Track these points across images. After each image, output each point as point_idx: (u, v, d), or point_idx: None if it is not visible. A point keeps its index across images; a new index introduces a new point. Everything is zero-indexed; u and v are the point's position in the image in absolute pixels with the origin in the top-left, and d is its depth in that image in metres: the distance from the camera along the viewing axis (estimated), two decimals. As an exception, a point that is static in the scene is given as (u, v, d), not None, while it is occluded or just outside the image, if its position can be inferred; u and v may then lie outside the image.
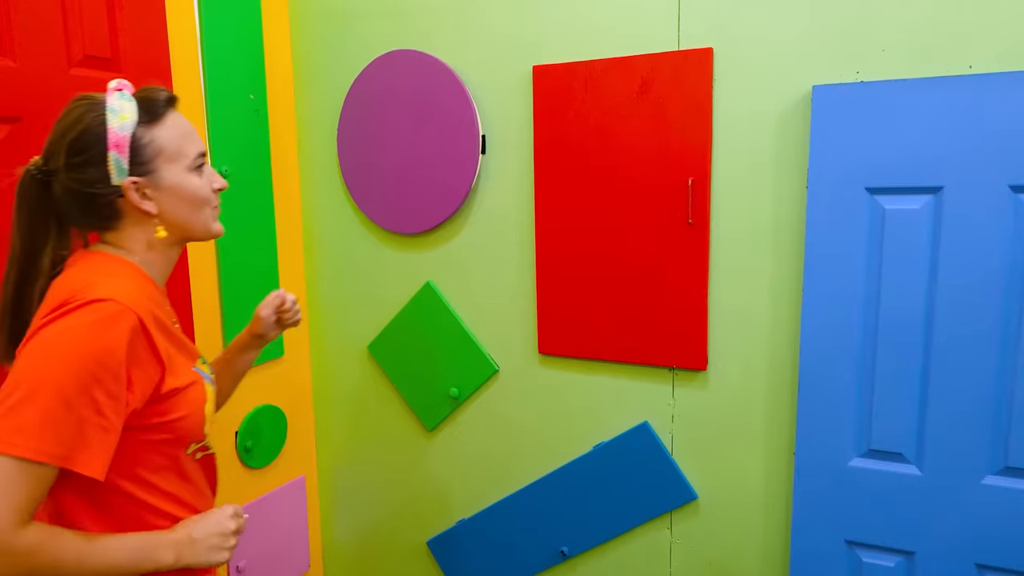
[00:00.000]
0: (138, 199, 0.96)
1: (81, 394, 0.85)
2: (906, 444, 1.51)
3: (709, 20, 1.60)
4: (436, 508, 2.14)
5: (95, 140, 0.93)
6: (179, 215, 1.01)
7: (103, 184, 0.94)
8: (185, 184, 1.01)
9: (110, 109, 0.95)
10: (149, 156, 0.97)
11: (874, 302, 1.50)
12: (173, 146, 0.99)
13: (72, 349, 0.85)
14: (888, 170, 1.45)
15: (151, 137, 0.97)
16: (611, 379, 1.83)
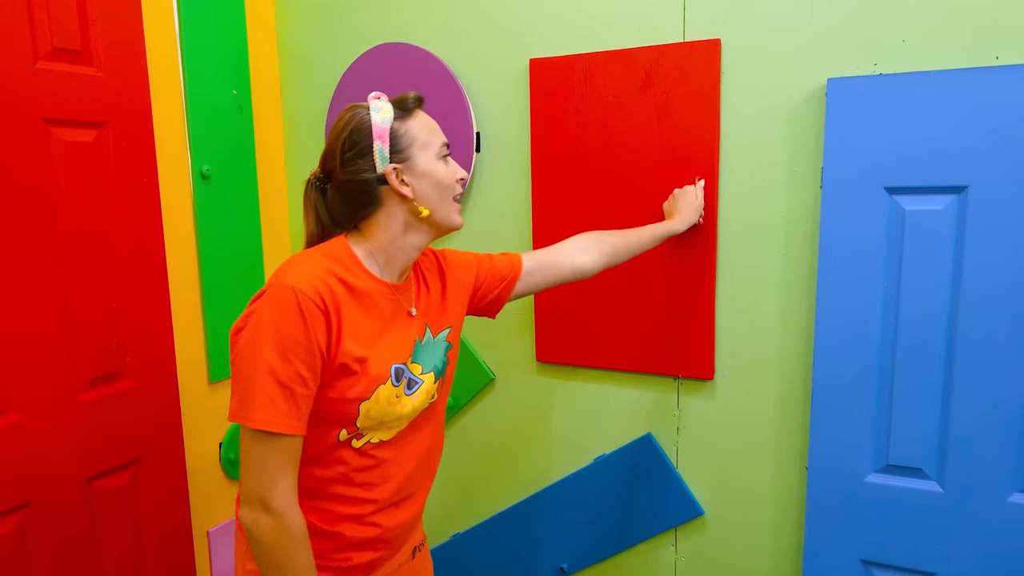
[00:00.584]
0: (397, 183, 1.08)
1: (290, 374, 0.99)
2: (926, 459, 1.42)
3: (716, 10, 1.51)
4: (430, 521, 2.05)
5: (363, 135, 1.07)
6: (430, 200, 1.11)
7: (370, 171, 1.07)
8: (435, 170, 1.11)
9: (373, 109, 1.08)
10: (405, 144, 1.08)
11: (893, 309, 1.41)
12: (424, 135, 1.11)
13: (266, 330, 0.99)
14: (909, 168, 1.36)
15: (406, 128, 1.09)
16: (613, 389, 1.74)
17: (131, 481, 1.65)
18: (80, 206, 1.50)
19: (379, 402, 1.08)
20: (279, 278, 1.02)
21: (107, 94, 1.54)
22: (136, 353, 1.63)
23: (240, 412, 0.99)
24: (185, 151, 1.74)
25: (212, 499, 1.89)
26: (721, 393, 1.63)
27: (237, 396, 1.00)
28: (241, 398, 0.99)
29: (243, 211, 1.91)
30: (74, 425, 1.52)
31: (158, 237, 1.67)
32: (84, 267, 1.52)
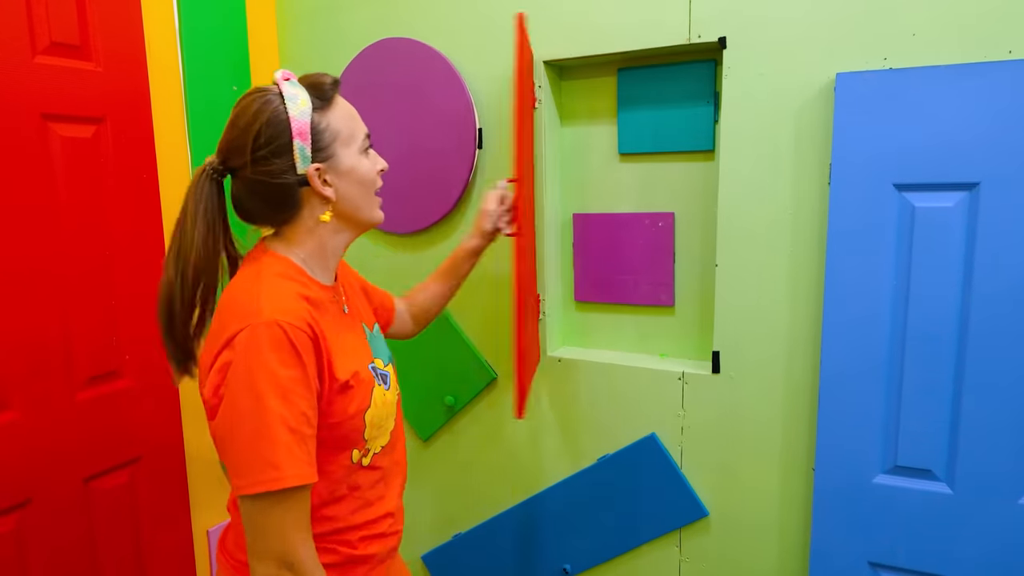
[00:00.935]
0: (320, 185, 0.97)
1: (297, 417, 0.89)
2: (936, 460, 1.40)
3: (721, 7, 1.49)
4: (431, 522, 2.03)
5: (279, 129, 0.93)
6: (353, 199, 1.01)
7: (290, 172, 0.94)
8: (358, 167, 1.01)
9: (288, 97, 0.94)
10: (327, 141, 0.97)
11: (902, 307, 1.39)
12: (347, 129, 0.99)
13: (269, 379, 0.87)
14: (918, 165, 1.34)
15: (327, 122, 0.97)
16: (617, 388, 1.72)
17: (130, 480, 1.63)
18: (78, 202, 1.49)
19: (377, 405, 1.04)
20: (253, 316, 0.89)
21: (106, 89, 1.52)
22: (135, 351, 1.62)
23: (264, 477, 0.86)
24: (185, 147, 1.73)
25: (211, 498, 1.87)
26: (726, 393, 1.60)
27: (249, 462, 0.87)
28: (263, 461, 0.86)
29: (243, 208, 1.90)
30: (72, 423, 1.50)
31: (157, 234, 1.66)
32: (82, 264, 1.50)
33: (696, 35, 1.52)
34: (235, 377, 0.88)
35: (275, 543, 0.90)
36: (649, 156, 1.71)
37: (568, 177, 1.82)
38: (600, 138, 1.76)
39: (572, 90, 1.79)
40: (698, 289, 1.71)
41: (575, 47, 1.65)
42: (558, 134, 1.80)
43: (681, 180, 1.69)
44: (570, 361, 1.77)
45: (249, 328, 0.88)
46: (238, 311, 0.91)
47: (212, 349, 0.91)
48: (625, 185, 1.75)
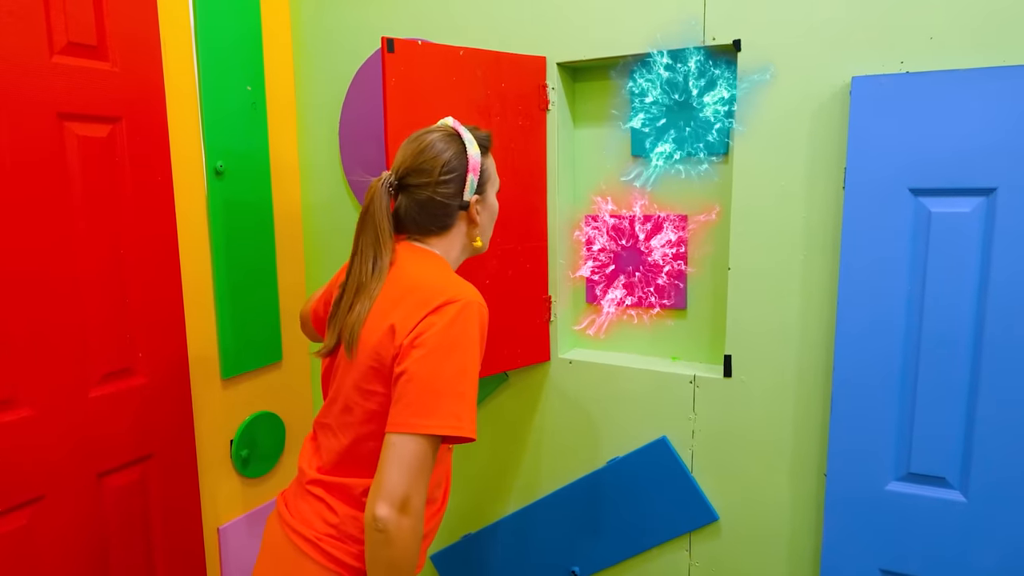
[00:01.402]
0: (475, 212, 1.21)
1: (474, 384, 1.08)
2: (950, 468, 1.39)
3: (736, 9, 1.48)
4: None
5: (461, 164, 1.18)
6: (485, 228, 1.27)
7: (458, 198, 1.19)
8: (495, 205, 1.28)
9: (467, 141, 1.20)
10: (484, 180, 1.22)
11: (917, 313, 1.38)
12: (495, 174, 1.27)
13: (474, 347, 1.08)
14: (935, 169, 1.33)
15: (486, 166, 1.23)
16: (628, 390, 1.72)
17: (141, 477, 1.64)
18: (93, 201, 1.50)
19: None
20: (461, 294, 1.09)
21: (122, 89, 1.53)
22: (148, 349, 1.63)
23: (449, 423, 1.03)
24: (199, 147, 1.74)
25: (223, 496, 1.88)
26: (738, 396, 1.59)
27: (447, 408, 1.03)
28: (458, 411, 1.03)
29: (256, 208, 1.91)
30: (85, 420, 1.51)
31: (171, 233, 1.67)
32: (97, 262, 1.51)
33: (711, 37, 1.51)
34: (446, 337, 1.05)
35: (411, 485, 1.02)
36: (663, 159, 1.70)
37: (580, 179, 1.82)
38: (613, 141, 1.76)
39: (586, 92, 1.78)
40: (710, 292, 1.70)
41: (589, 49, 1.65)
42: (570, 136, 1.80)
43: (695, 183, 1.68)
44: (581, 363, 1.77)
45: (462, 303, 1.08)
46: (442, 288, 1.10)
47: (414, 315, 1.07)
48: (638, 188, 1.74)
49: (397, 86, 1.44)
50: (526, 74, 1.67)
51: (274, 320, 1.99)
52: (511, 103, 1.65)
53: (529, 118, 1.69)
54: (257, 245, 1.92)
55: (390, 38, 1.41)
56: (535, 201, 1.73)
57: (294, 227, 2.07)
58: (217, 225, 1.78)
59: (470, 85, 1.57)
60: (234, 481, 1.92)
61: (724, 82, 1.60)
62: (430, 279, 1.13)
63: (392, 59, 1.42)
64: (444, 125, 1.22)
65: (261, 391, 1.98)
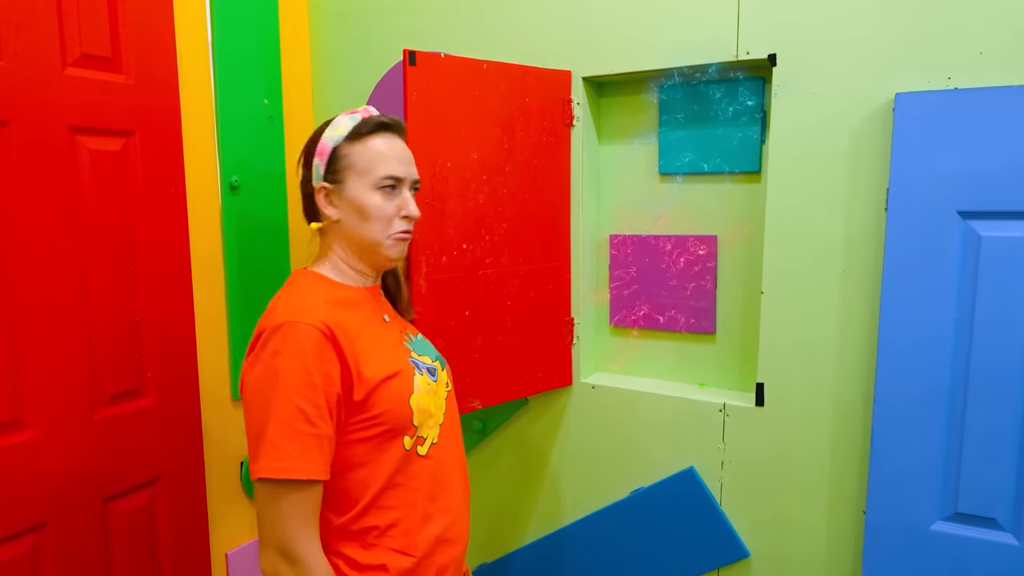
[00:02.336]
0: (323, 203, 1.11)
1: (295, 414, 0.97)
2: (1000, 508, 1.30)
3: (772, 22, 1.42)
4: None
5: (311, 146, 1.13)
6: (353, 225, 1.12)
7: (307, 184, 1.14)
8: (362, 198, 1.10)
9: (332, 124, 1.12)
10: (342, 167, 1.10)
11: (965, 342, 1.30)
12: (363, 163, 1.10)
13: (277, 380, 0.98)
14: (985, 191, 1.26)
15: (348, 152, 1.10)
16: (654, 417, 1.64)
17: (149, 501, 1.59)
18: (105, 216, 1.46)
19: (421, 392, 1.10)
20: (268, 320, 1.03)
21: (136, 102, 1.49)
22: (158, 369, 1.58)
23: (275, 465, 0.97)
24: (214, 162, 1.70)
25: (232, 520, 1.82)
26: (770, 425, 1.52)
27: (263, 451, 0.98)
28: (272, 452, 0.98)
29: (272, 224, 1.86)
30: (92, 443, 1.46)
31: (184, 249, 1.62)
32: (107, 279, 1.47)
33: (744, 51, 1.45)
34: (249, 375, 1.02)
35: (276, 531, 0.98)
36: (691, 177, 1.64)
37: (605, 197, 1.76)
38: (640, 157, 1.70)
39: (611, 107, 1.73)
40: (741, 317, 1.63)
41: (616, 63, 1.59)
42: (595, 152, 1.74)
43: (725, 202, 1.62)
44: (604, 388, 1.70)
45: (268, 331, 1.01)
46: (262, 319, 1.06)
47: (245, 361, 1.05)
48: (665, 206, 1.68)
49: (419, 100, 1.39)
50: (550, 89, 1.62)
51: (287, 339, 1.93)
52: (535, 118, 1.59)
53: (553, 134, 1.64)
54: (272, 262, 1.87)
55: (412, 50, 1.36)
56: (558, 219, 1.68)
57: (310, 244, 2.02)
58: (231, 241, 1.74)
59: (493, 99, 1.52)
60: (243, 505, 1.86)
61: (757, 98, 1.53)
62: (270, 306, 1.09)
63: (414, 72, 1.37)
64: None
65: (273, 412, 1.92)
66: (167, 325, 1.59)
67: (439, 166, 1.44)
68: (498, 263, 1.57)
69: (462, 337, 1.53)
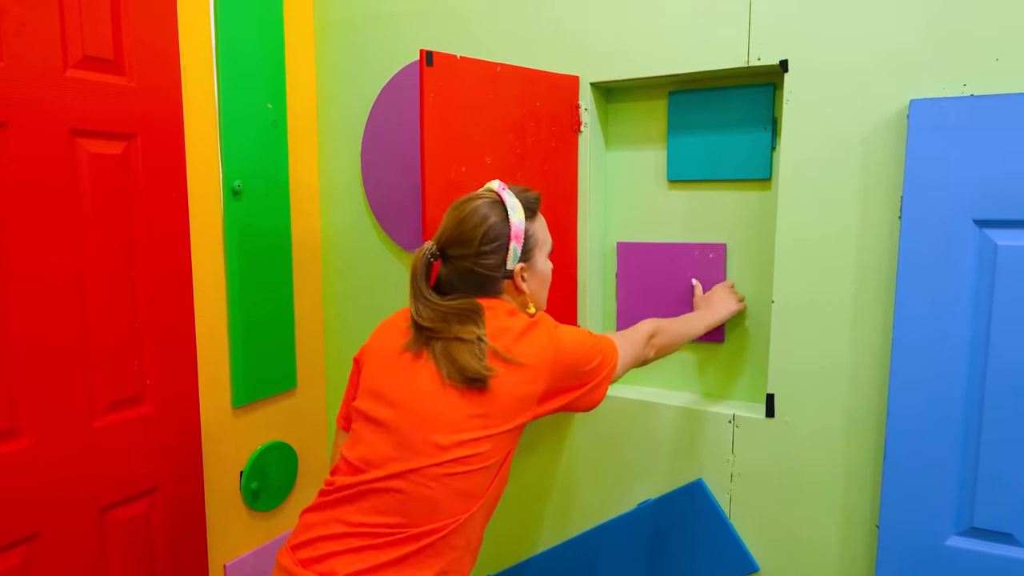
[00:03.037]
0: (520, 281, 1.18)
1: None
2: (1018, 523, 1.27)
3: (783, 27, 1.40)
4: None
5: (502, 232, 1.15)
6: (536, 293, 1.23)
7: (501, 268, 1.16)
8: (546, 269, 1.24)
9: (510, 208, 1.15)
10: (531, 245, 1.19)
11: (982, 353, 1.27)
12: (543, 238, 1.22)
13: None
14: (1002, 199, 1.23)
15: (533, 230, 1.19)
16: (662, 428, 1.61)
17: (146, 511, 1.56)
18: (105, 221, 1.43)
19: None
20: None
21: (138, 105, 1.47)
22: (157, 376, 1.55)
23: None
24: (217, 166, 1.68)
25: (230, 531, 1.79)
26: (781, 437, 1.49)
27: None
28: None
29: (274, 230, 1.84)
30: (89, 451, 1.43)
31: (185, 255, 1.60)
32: (107, 285, 1.45)
33: (755, 57, 1.44)
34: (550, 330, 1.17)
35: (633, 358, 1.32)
36: (700, 184, 1.62)
37: (613, 204, 1.74)
38: (648, 164, 1.68)
39: (620, 113, 1.71)
40: (751, 326, 1.60)
41: (624, 69, 1.57)
42: (603, 159, 1.72)
43: (734, 210, 1.59)
44: (611, 398, 1.67)
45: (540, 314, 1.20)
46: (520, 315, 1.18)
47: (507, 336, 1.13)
48: (673, 214, 1.66)
49: (436, 102, 1.36)
50: (559, 93, 1.60)
51: (289, 346, 1.91)
52: (544, 123, 1.57)
53: (561, 139, 1.61)
54: (274, 268, 1.84)
55: (429, 51, 1.34)
56: (565, 226, 1.65)
57: (312, 251, 2.00)
58: (233, 247, 1.72)
59: (507, 103, 1.49)
60: (243, 515, 1.83)
61: (768, 104, 1.51)
62: (507, 313, 1.19)
63: (431, 73, 1.34)
64: (488, 190, 1.20)
65: (274, 420, 1.89)
66: (167, 332, 1.57)
67: (454, 171, 1.41)
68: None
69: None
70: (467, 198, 1.18)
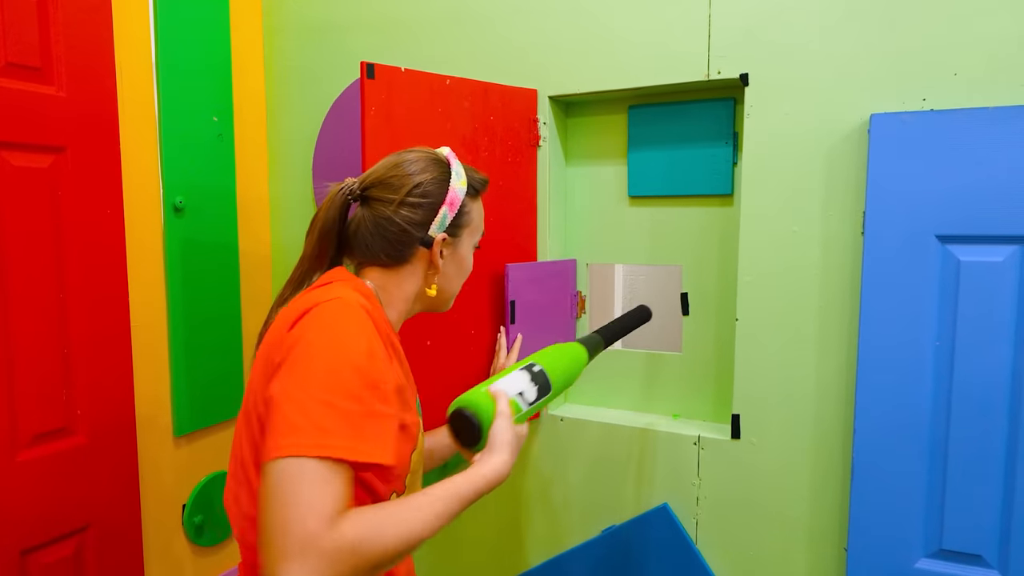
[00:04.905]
0: (437, 253, 1.02)
1: (349, 393, 0.80)
2: (986, 544, 1.25)
3: (743, 41, 1.38)
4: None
5: (438, 191, 1.01)
6: (448, 281, 1.07)
7: (422, 229, 1.00)
8: (467, 258, 1.09)
9: (455, 172, 1.03)
10: (462, 222, 1.05)
11: (947, 371, 1.25)
12: (476, 223, 1.08)
13: (331, 354, 0.82)
14: (964, 215, 1.22)
15: (470, 208, 1.06)
16: (625, 451, 1.56)
17: (75, 552, 1.44)
18: (32, 239, 1.34)
19: (419, 448, 1.01)
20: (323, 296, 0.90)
21: (68, 116, 1.38)
22: (89, 405, 1.45)
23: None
24: (156, 181, 1.59)
25: (172, 569, 1.68)
26: (747, 460, 1.45)
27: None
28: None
29: (220, 249, 1.75)
30: (11, 488, 1.32)
31: (121, 276, 1.50)
32: (33, 308, 1.34)
33: (715, 71, 1.41)
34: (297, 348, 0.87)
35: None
36: (662, 200, 1.59)
37: (573, 220, 1.69)
38: (609, 179, 1.64)
39: (579, 128, 1.67)
40: (713, 343, 1.57)
41: (583, 82, 1.54)
42: (563, 174, 1.68)
43: (697, 225, 1.56)
44: (573, 421, 1.62)
45: (317, 306, 0.88)
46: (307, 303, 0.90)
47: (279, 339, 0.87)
48: (635, 230, 1.62)
49: (377, 115, 1.31)
50: (516, 107, 1.55)
51: (236, 370, 1.81)
52: (500, 138, 1.52)
53: (519, 154, 1.57)
54: (219, 288, 1.75)
55: (370, 63, 1.28)
56: (524, 244, 1.60)
57: (262, 269, 1.91)
58: (174, 266, 1.62)
59: (457, 117, 1.44)
60: (185, 551, 1.72)
61: (729, 119, 1.49)
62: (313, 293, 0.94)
63: (372, 86, 1.29)
64: (438, 150, 1.07)
65: (219, 449, 1.79)
66: (100, 357, 1.47)
67: (398, 186, 1.35)
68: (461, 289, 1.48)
69: (422, 366, 1.44)
70: (412, 149, 1.06)
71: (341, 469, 0.76)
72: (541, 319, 1.58)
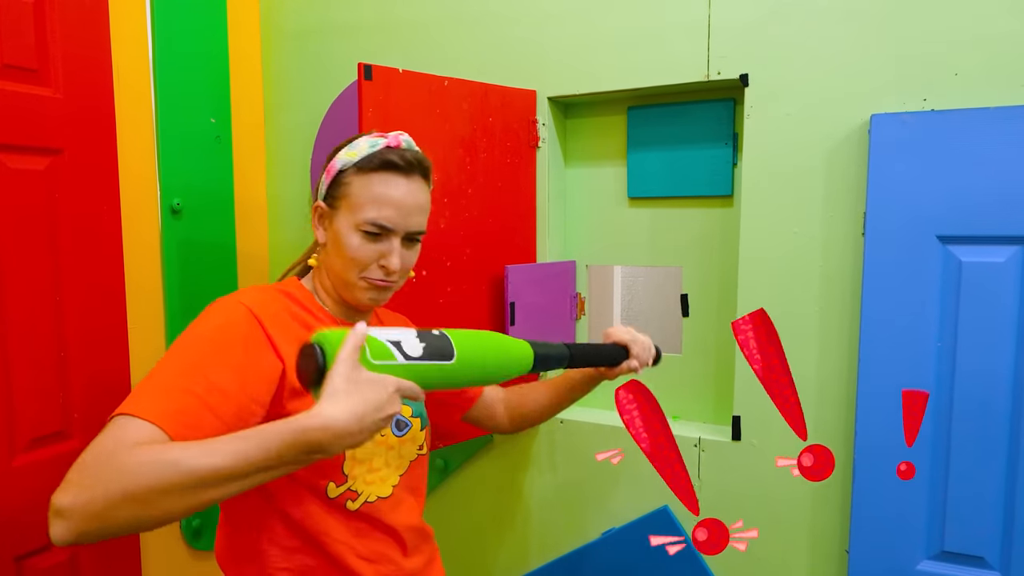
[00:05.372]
0: (316, 222, 1.04)
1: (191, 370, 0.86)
2: (988, 546, 1.25)
3: (743, 41, 1.38)
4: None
5: (329, 160, 1.03)
6: (331, 259, 1.03)
7: (314, 195, 1.06)
8: (343, 235, 1.00)
9: (354, 143, 1.02)
10: (340, 194, 1.01)
11: (948, 373, 1.25)
12: (357, 199, 1.00)
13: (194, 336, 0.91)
14: (965, 216, 1.22)
15: (352, 181, 1.00)
16: (625, 451, 1.55)
17: (71, 557, 1.43)
18: (28, 242, 1.32)
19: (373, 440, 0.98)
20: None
21: (65, 118, 1.37)
22: (86, 410, 1.43)
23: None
24: (154, 183, 1.58)
25: (170, 574, 1.67)
26: (748, 462, 1.45)
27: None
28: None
29: (217, 251, 1.74)
30: (6, 493, 1.31)
31: (118, 278, 1.49)
32: (29, 310, 1.33)
33: (715, 72, 1.41)
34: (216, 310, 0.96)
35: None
36: (661, 201, 1.59)
37: (572, 222, 1.69)
38: (608, 181, 1.64)
39: (579, 129, 1.67)
40: (714, 346, 1.56)
41: (583, 83, 1.53)
42: (562, 175, 1.67)
43: (697, 226, 1.56)
44: (573, 423, 1.61)
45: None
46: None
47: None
48: (635, 231, 1.62)
49: (374, 117, 1.30)
50: (515, 108, 1.55)
51: (234, 373, 1.80)
52: (499, 139, 1.52)
53: (518, 155, 1.56)
54: (217, 291, 1.74)
55: (368, 64, 1.28)
56: (524, 245, 1.60)
57: (260, 268, 1.90)
58: (172, 269, 1.61)
59: (455, 118, 1.44)
60: (183, 555, 1.71)
61: (729, 120, 1.49)
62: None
63: (370, 87, 1.28)
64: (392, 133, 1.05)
65: (217, 452, 1.78)
66: (97, 361, 1.45)
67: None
68: (460, 290, 1.48)
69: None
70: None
71: (141, 424, 0.80)
72: (541, 321, 1.58)
